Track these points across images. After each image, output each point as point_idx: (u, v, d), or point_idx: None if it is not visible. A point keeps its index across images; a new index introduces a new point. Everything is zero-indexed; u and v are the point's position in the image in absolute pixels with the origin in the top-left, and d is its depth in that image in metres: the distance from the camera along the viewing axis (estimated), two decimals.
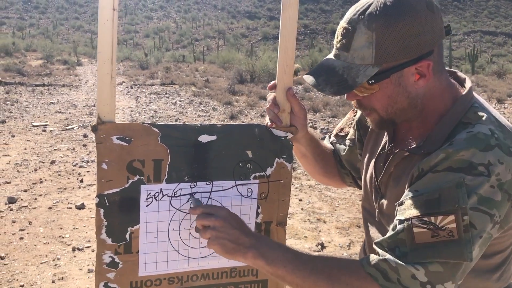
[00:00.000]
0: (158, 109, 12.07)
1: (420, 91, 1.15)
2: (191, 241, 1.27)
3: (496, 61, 40.71)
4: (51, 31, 60.13)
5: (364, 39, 1.08)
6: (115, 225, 1.20)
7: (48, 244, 4.40)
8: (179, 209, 1.24)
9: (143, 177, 1.20)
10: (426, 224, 1.03)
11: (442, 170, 1.04)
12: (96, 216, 1.19)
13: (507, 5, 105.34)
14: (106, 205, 1.18)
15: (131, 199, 1.20)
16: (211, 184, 1.26)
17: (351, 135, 1.52)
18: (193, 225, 1.26)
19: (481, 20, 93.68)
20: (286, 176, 1.34)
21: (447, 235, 1.02)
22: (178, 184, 1.23)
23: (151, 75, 20.40)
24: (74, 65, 25.04)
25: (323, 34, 62.54)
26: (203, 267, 1.31)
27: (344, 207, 5.50)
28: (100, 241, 1.20)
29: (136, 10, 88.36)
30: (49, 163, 6.93)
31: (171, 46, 49.74)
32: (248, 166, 1.29)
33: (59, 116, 10.77)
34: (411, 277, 1.02)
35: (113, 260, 1.21)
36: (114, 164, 1.17)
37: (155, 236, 1.24)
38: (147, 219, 1.22)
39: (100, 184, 1.17)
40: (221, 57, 29.29)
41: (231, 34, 62.31)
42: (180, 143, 1.21)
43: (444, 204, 1.02)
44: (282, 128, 1.31)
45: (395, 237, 1.06)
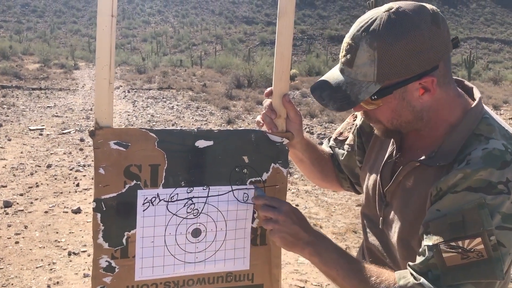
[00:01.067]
0: (155, 113, 12.07)
1: (426, 104, 1.15)
2: (187, 246, 1.28)
3: (492, 68, 40.91)
4: (48, 34, 60.12)
5: (366, 57, 1.09)
6: (112, 230, 1.20)
7: (43, 248, 4.39)
8: (175, 214, 1.25)
9: (140, 182, 1.21)
10: (454, 248, 1.04)
11: (462, 190, 1.05)
12: (93, 221, 1.19)
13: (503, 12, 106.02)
14: (103, 209, 1.19)
15: (128, 203, 1.20)
16: (207, 189, 1.27)
17: (350, 141, 1.52)
18: (190, 230, 1.27)
19: (478, 26, 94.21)
20: (282, 181, 1.35)
21: (476, 256, 1.03)
22: (175, 189, 1.24)
23: (148, 80, 20.42)
24: (72, 69, 25.03)
25: (320, 40, 62.74)
26: (199, 272, 1.31)
27: (340, 213, 5.51)
28: (97, 246, 1.20)
29: (134, 15, 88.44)
30: (45, 167, 6.92)
31: (168, 50, 49.81)
32: (244, 171, 1.30)
33: (56, 120, 10.77)
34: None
35: (109, 264, 1.22)
36: (111, 169, 1.18)
37: (151, 241, 1.24)
38: (143, 223, 1.22)
39: (97, 188, 1.18)
40: (218, 62, 29.34)
41: (228, 39, 62.45)
42: (177, 148, 1.22)
43: (469, 228, 1.03)
44: (278, 133, 1.32)
45: (426, 262, 1.07)
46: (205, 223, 1.28)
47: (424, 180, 1.16)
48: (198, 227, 1.28)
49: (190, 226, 1.27)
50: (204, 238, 1.29)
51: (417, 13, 1.08)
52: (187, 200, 1.25)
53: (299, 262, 4.22)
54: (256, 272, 1.37)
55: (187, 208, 1.25)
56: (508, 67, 44.39)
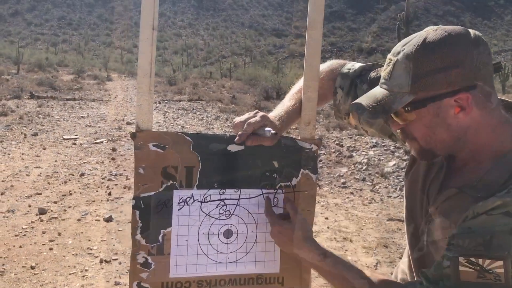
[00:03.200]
0: (185, 124, 12.26)
1: (463, 124, 1.13)
2: (219, 246, 1.34)
3: None
4: (82, 46, 61.72)
5: (402, 68, 1.12)
6: (149, 227, 1.27)
7: (76, 255, 4.50)
8: (208, 214, 1.31)
9: (176, 182, 1.27)
10: (473, 264, 1.03)
11: (497, 214, 1.04)
12: (132, 218, 1.27)
13: None
14: (141, 207, 1.26)
15: (165, 202, 1.27)
16: (239, 191, 1.33)
17: None
18: (222, 230, 1.33)
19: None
20: (312, 187, 1.39)
21: (493, 279, 1.02)
22: (208, 190, 1.30)
23: (178, 91, 20.72)
24: (104, 80, 25.61)
25: (350, 52, 62.41)
26: (230, 272, 1.36)
27: (371, 227, 5.46)
28: (135, 242, 1.27)
29: (165, 27, 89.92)
30: (78, 176, 7.11)
31: (198, 62, 50.38)
32: (274, 176, 1.35)
33: (89, 129, 11.05)
34: None
35: (146, 260, 1.28)
36: (149, 169, 1.25)
37: (186, 239, 1.30)
38: (178, 222, 1.29)
39: (137, 187, 1.26)
40: (247, 74, 29.53)
41: (258, 51, 62.80)
42: (210, 152, 1.29)
43: (494, 248, 1.02)
44: (307, 140, 1.37)
45: (440, 270, 1.08)
46: (236, 224, 1.34)
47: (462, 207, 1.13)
48: (229, 228, 1.33)
49: (222, 227, 1.32)
50: (235, 239, 1.35)
51: (457, 33, 1.11)
52: (219, 202, 1.31)
53: None
54: (287, 276, 1.41)
55: (219, 209, 1.31)
56: None
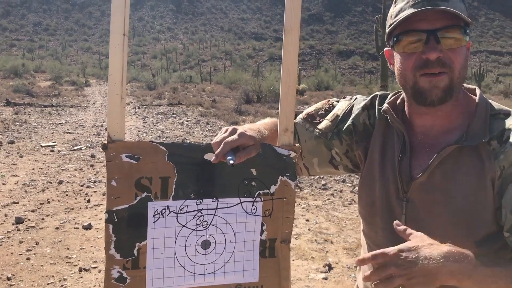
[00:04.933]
0: (165, 129, 12.17)
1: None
2: (197, 257, 1.30)
3: (502, 81, 40.77)
4: (60, 52, 60.97)
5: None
6: (124, 241, 1.23)
7: (54, 264, 4.41)
8: (185, 226, 1.27)
9: (151, 194, 1.23)
10: None
11: None
12: (105, 232, 1.22)
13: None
14: (115, 221, 1.22)
15: (139, 215, 1.23)
16: (216, 201, 1.29)
17: (324, 127, 1.48)
18: (199, 241, 1.29)
19: (487, 40, 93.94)
20: (290, 194, 1.37)
21: None
22: (184, 201, 1.26)
23: (158, 96, 20.61)
24: (83, 86, 25.36)
25: (328, 55, 62.94)
26: (209, 284, 1.33)
27: (351, 227, 5.48)
28: (109, 256, 1.23)
29: (144, 32, 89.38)
30: (56, 183, 6.99)
31: (178, 67, 50.24)
32: (252, 184, 1.32)
33: (67, 136, 10.89)
34: None
35: (121, 275, 1.24)
36: (123, 181, 1.21)
37: (162, 252, 1.27)
38: (154, 235, 1.25)
39: (110, 200, 1.21)
40: (227, 78, 29.56)
41: (237, 55, 62.89)
42: (186, 161, 1.25)
43: None
44: (285, 146, 1.34)
45: None
46: (214, 235, 1.30)
47: (463, 166, 1.21)
48: (207, 239, 1.30)
49: (199, 238, 1.29)
50: (213, 250, 1.31)
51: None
52: (196, 212, 1.28)
53: (310, 278, 4.21)
54: (266, 285, 1.38)
55: (196, 220, 1.28)
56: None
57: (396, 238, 1.32)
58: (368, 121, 1.44)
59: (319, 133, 1.48)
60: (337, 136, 1.46)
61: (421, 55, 1.19)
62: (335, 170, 1.52)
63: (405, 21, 1.20)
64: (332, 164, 1.50)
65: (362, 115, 1.44)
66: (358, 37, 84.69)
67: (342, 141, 1.46)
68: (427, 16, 1.18)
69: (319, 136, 1.48)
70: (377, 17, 12.90)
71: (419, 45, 1.19)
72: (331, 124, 1.47)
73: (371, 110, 1.45)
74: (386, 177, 1.34)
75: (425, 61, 1.19)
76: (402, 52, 1.23)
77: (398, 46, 1.24)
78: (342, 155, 1.48)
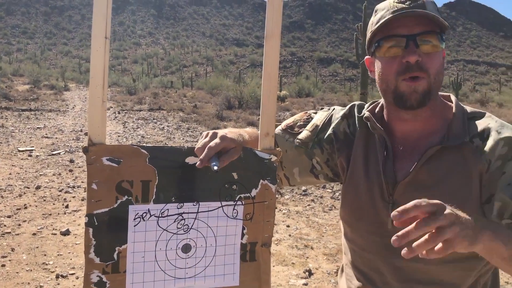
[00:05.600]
0: (145, 134, 12.08)
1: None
2: (177, 261, 1.30)
3: (479, 90, 41.63)
4: (39, 56, 60.12)
5: (432, 6, 1.25)
6: (104, 245, 1.22)
7: (31, 271, 4.32)
8: (166, 229, 1.27)
9: (132, 198, 1.23)
10: None
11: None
12: (85, 236, 1.21)
13: (488, 35, 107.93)
14: (95, 224, 1.21)
15: (120, 219, 1.22)
16: (197, 205, 1.29)
17: (305, 137, 1.51)
18: (180, 245, 1.29)
19: (464, 49, 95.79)
20: (271, 198, 1.37)
21: None
22: (165, 204, 1.26)
23: (139, 101, 20.46)
24: (62, 90, 25.02)
25: (309, 62, 63.36)
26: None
27: (331, 233, 5.51)
28: (88, 260, 1.22)
29: (124, 36, 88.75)
30: (34, 189, 6.87)
31: (159, 72, 49.99)
32: (233, 188, 1.32)
33: (46, 141, 10.73)
34: None
35: (100, 279, 1.23)
36: (103, 185, 1.20)
37: (142, 256, 1.26)
38: (134, 239, 1.24)
39: (90, 204, 1.20)
40: (209, 83, 29.52)
41: (219, 60, 62.88)
42: (167, 165, 1.25)
43: None
44: (266, 150, 1.35)
45: None
46: (195, 238, 1.30)
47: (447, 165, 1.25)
48: (188, 243, 1.30)
49: (180, 242, 1.28)
50: (194, 254, 1.31)
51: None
52: (177, 216, 1.27)
53: (291, 284, 4.21)
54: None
55: (177, 224, 1.27)
56: (494, 89, 45.12)
57: (383, 240, 1.36)
58: (348, 130, 1.47)
59: (299, 143, 1.51)
60: (318, 145, 1.49)
61: (402, 59, 1.23)
62: (315, 180, 1.55)
63: (385, 27, 1.25)
64: (312, 173, 1.53)
65: (342, 124, 1.48)
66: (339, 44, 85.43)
67: (323, 150, 1.48)
68: (406, 22, 1.23)
69: (300, 146, 1.50)
70: (358, 25, 13.05)
71: (399, 49, 1.24)
72: (311, 134, 1.50)
73: (350, 119, 1.48)
74: (371, 182, 1.37)
75: (406, 65, 1.23)
76: (383, 57, 1.27)
77: (379, 51, 1.28)
78: (323, 164, 1.50)
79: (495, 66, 75.14)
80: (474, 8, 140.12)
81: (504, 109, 21.73)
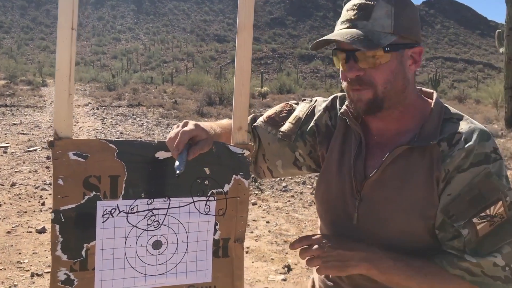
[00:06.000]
0: (124, 130, 11.95)
1: (410, 77, 1.26)
2: (148, 258, 1.27)
3: (457, 86, 42.26)
4: (15, 51, 58.99)
5: (384, 11, 1.20)
6: (71, 242, 1.19)
7: (4, 270, 4.23)
8: (135, 226, 1.24)
9: (100, 193, 1.20)
10: (484, 218, 1.16)
11: (467, 168, 1.17)
12: (52, 233, 1.18)
13: (466, 33, 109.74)
14: (61, 221, 1.18)
15: (87, 215, 1.19)
16: (168, 200, 1.27)
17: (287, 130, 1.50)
18: (150, 242, 1.27)
19: (442, 47, 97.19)
20: (244, 193, 1.36)
21: (499, 219, 1.16)
22: (134, 200, 1.23)
23: (118, 97, 20.24)
24: (39, 86, 24.59)
25: (291, 59, 63.52)
26: (160, 285, 1.30)
27: (311, 229, 5.53)
28: (55, 258, 1.19)
29: (104, 32, 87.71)
30: (9, 186, 6.73)
31: (139, 67, 49.54)
32: (205, 183, 1.30)
33: (22, 137, 10.53)
34: (493, 265, 1.16)
35: (68, 277, 1.20)
36: (70, 180, 1.17)
37: (111, 253, 1.23)
38: (103, 235, 1.21)
39: (56, 200, 1.17)
40: (190, 79, 29.36)
41: (200, 56, 62.59)
42: (137, 160, 1.22)
43: (489, 196, 1.16)
44: (239, 145, 1.33)
45: (463, 240, 1.18)
46: (166, 235, 1.28)
47: (413, 165, 1.24)
48: (159, 239, 1.27)
49: (150, 238, 1.26)
50: (165, 250, 1.29)
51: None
52: (147, 212, 1.25)
53: (269, 280, 4.21)
54: (219, 285, 1.37)
55: (147, 220, 1.25)
56: (471, 86, 45.89)
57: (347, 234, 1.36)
58: (330, 122, 1.47)
59: (282, 136, 1.50)
60: (301, 137, 1.48)
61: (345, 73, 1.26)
62: (298, 171, 1.55)
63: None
64: (296, 165, 1.52)
65: (324, 116, 1.47)
66: None
67: (306, 143, 1.48)
68: None
69: (283, 139, 1.50)
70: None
71: (343, 63, 1.26)
72: (293, 126, 1.49)
73: (332, 111, 1.48)
74: (343, 176, 1.37)
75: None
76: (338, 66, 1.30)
77: (335, 60, 1.31)
78: (305, 156, 1.50)
79: (473, 63, 76.42)
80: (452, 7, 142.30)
81: (481, 106, 22.11)
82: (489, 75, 67.15)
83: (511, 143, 11.39)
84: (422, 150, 1.24)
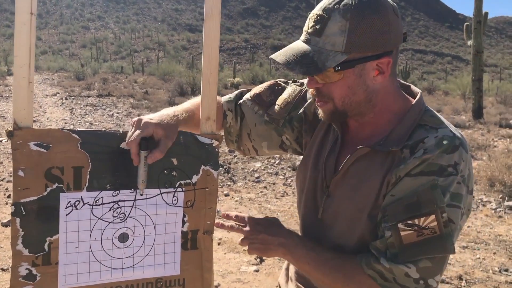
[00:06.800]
0: (93, 121, 11.72)
1: (376, 87, 1.21)
2: (114, 251, 1.24)
3: (426, 78, 43.07)
4: None
5: (338, 27, 1.14)
6: (33, 235, 1.15)
7: None
8: (101, 218, 1.21)
9: (63, 185, 1.16)
10: (411, 226, 1.14)
11: (416, 175, 1.15)
12: (12, 226, 1.13)
13: (436, 26, 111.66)
14: (22, 214, 1.13)
15: (50, 207, 1.15)
16: (134, 192, 1.24)
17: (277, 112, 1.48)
18: (116, 235, 1.23)
19: (413, 39, 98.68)
20: (213, 184, 1.34)
21: (430, 233, 1.13)
22: (99, 192, 1.20)
23: (87, 87, 19.84)
24: (5, 75, 23.87)
25: (263, 49, 63.44)
26: (127, 278, 1.27)
27: (283, 219, 5.55)
28: (16, 253, 1.14)
29: (72, 20, 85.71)
30: None
31: (109, 57, 48.64)
32: (173, 174, 1.28)
33: None
34: (405, 275, 1.14)
35: (30, 272, 1.16)
36: (31, 171, 1.12)
37: (75, 247, 1.19)
38: (67, 228, 1.18)
39: (16, 192, 1.13)
40: (161, 69, 29.00)
41: (171, 46, 61.84)
42: (101, 150, 1.19)
43: (424, 206, 1.13)
44: (208, 135, 1.31)
45: (384, 242, 1.17)
46: (133, 227, 1.25)
47: (373, 167, 1.23)
48: (125, 232, 1.24)
49: (116, 231, 1.23)
50: (132, 243, 1.26)
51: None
52: (113, 204, 1.21)
53: (242, 271, 4.21)
54: (188, 277, 1.35)
55: (113, 212, 1.22)
56: (440, 78, 46.84)
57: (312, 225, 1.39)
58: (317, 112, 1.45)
59: (269, 119, 1.47)
60: (289, 123, 1.46)
61: None
62: (284, 152, 1.56)
63: None
64: (281, 148, 1.52)
65: (313, 104, 1.44)
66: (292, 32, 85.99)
67: (293, 129, 1.47)
68: None
69: (270, 122, 1.47)
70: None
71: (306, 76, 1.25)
72: (282, 110, 1.47)
73: None
74: (318, 170, 1.37)
75: None
76: None
77: None
78: (292, 141, 1.49)
79: (442, 55, 77.94)
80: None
81: (449, 97, 22.61)
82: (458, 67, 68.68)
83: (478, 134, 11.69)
84: (385, 154, 1.22)
